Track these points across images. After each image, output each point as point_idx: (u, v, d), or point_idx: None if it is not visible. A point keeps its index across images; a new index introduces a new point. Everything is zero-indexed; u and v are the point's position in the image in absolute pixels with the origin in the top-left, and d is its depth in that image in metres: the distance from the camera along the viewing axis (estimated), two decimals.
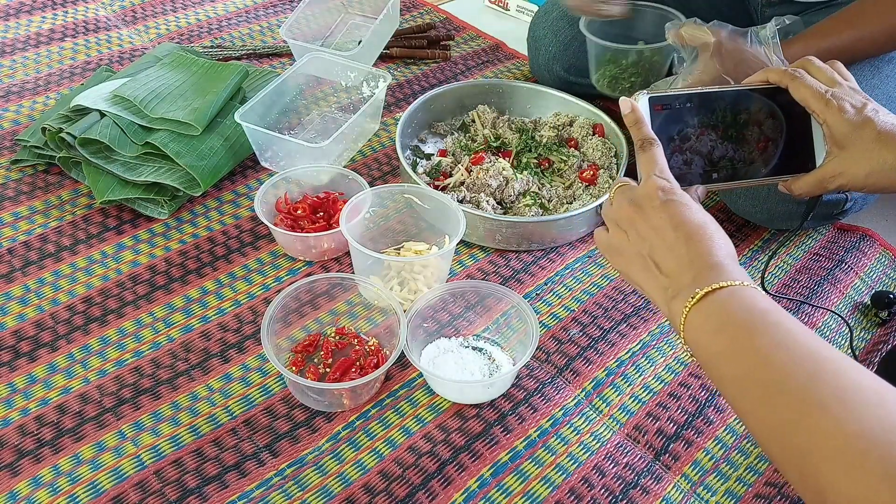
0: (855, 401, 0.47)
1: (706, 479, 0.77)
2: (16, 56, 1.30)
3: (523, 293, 0.94)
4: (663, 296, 0.61)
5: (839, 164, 0.73)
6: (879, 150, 0.70)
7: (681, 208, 0.62)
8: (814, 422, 0.47)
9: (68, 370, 0.83)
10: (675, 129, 0.73)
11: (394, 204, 1.00)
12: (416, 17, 1.50)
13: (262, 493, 0.73)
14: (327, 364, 0.84)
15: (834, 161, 0.74)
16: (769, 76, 0.76)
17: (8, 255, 0.95)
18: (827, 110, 0.72)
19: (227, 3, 1.50)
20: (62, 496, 0.72)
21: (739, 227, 1.06)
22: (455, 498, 0.74)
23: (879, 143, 0.70)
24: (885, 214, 1.11)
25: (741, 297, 0.56)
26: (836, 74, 0.74)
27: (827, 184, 0.75)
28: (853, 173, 0.73)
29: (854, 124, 0.71)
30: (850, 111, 0.71)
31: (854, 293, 0.97)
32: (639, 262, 0.64)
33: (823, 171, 0.75)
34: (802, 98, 0.73)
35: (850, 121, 0.71)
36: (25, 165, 1.08)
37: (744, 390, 0.53)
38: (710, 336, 0.56)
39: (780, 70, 0.75)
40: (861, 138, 0.71)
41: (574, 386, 0.84)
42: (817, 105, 0.72)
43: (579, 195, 1.03)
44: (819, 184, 0.76)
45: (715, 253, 0.60)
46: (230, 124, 1.06)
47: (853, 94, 0.73)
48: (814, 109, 0.73)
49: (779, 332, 0.53)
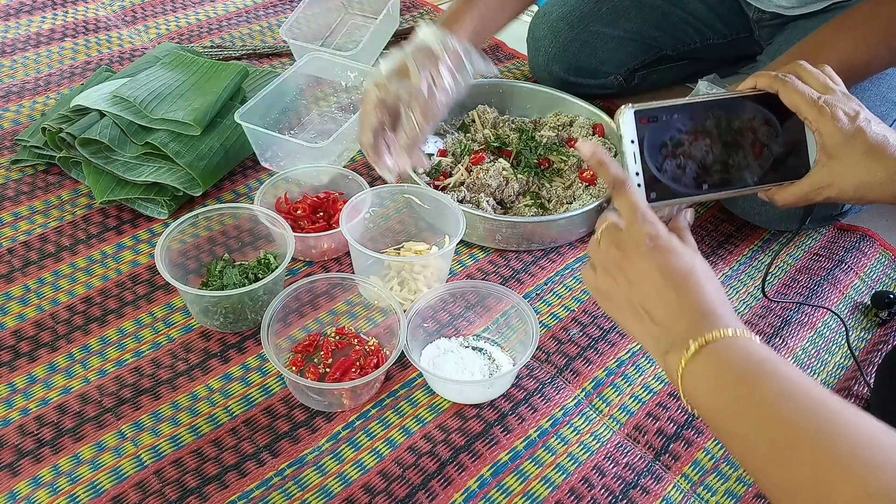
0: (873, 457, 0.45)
1: (706, 479, 0.77)
2: (16, 56, 1.30)
3: (523, 293, 0.94)
4: (656, 346, 0.59)
5: (828, 175, 0.71)
6: (870, 162, 0.68)
7: (669, 256, 0.60)
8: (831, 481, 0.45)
9: (68, 370, 0.83)
10: (663, 141, 0.71)
11: (393, 204, 1.00)
12: (416, 17, 1.50)
13: (262, 493, 0.73)
14: (327, 364, 0.84)
15: (823, 171, 0.71)
16: (758, 81, 0.73)
17: (8, 255, 0.95)
18: (820, 118, 0.69)
19: (227, 3, 1.50)
20: (62, 496, 0.72)
21: (739, 228, 1.06)
22: (455, 498, 0.74)
23: (870, 155, 0.68)
24: (885, 214, 1.11)
25: (737, 348, 0.54)
26: (828, 80, 0.72)
27: (814, 195, 0.73)
28: (842, 186, 0.71)
29: (847, 134, 0.68)
30: (844, 120, 0.69)
31: (854, 293, 0.97)
32: (629, 309, 0.61)
33: (811, 182, 0.72)
34: (794, 104, 0.71)
35: (843, 130, 0.68)
36: (25, 165, 1.08)
37: (751, 447, 0.50)
38: (710, 392, 0.54)
39: (770, 75, 0.72)
40: (853, 149, 0.69)
41: (574, 386, 0.84)
42: (810, 112, 0.70)
43: (579, 195, 1.03)
44: (805, 195, 0.73)
45: (706, 300, 0.57)
46: (230, 124, 1.06)
47: (846, 100, 0.70)
48: (806, 117, 0.70)
49: (782, 383, 0.51)
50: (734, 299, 0.96)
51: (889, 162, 0.68)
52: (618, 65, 1.22)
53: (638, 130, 0.70)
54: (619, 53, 1.20)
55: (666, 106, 0.71)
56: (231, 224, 0.96)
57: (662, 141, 0.71)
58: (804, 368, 0.88)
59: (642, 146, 0.69)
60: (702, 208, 1.09)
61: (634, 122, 0.70)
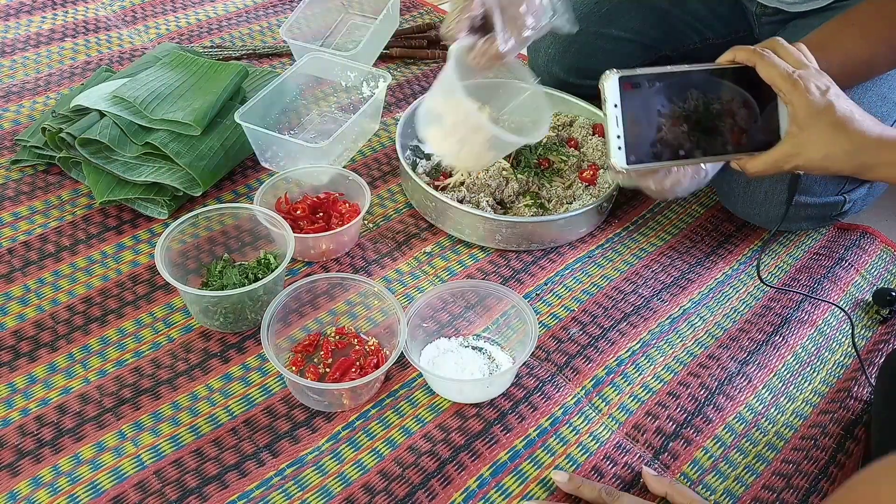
0: None
1: (705, 478, 0.77)
2: (16, 56, 1.30)
3: (523, 293, 0.94)
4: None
5: (798, 146, 0.75)
6: (837, 135, 0.73)
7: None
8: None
9: (68, 370, 0.83)
10: (646, 106, 0.74)
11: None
12: (416, 17, 1.50)
13: (262, 493, 0.73)
14: (327, 364, 0.84)
15: (792, 141, 0.75)
16: (737, 55, 0.77)
17: (8, 255, 0.95)
18: (794, 91, 0.73)
19: (227, 3, 1.50)
20: (62, 496, 0.72)
21: (739, 228, 1.06)
22: (455, 497, 0.74)
23: (837, 128, 0.73)
24: (885, 214, 1.11)
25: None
26: (802, 56, 0.76)
27: (783, 164, 0.77)
28: (810, 156, 0.75)
29: (817, 107, 0.73)
30: (815, 93, 0.73)
31: (855, 290, 0.97)
32: None
33: (781, 151, 0.76)
34: (769, 77, 0.75)
35: (814, 103, 0.73)
36: (25, 165, 1.08)
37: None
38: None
39: (749, 49, 0.76)
40: (822, 122, 0.73)
41: (574, 384, 0.84)
42: (784, 85, 0.74)
43: (579, 195, 1.03)
44: (775, 163, 0.77)
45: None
46: (230, 124, 1.06)
47: (818, 76, 0.74)
48: (780, 89, 0.74)
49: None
50: (734, 299, 0.96)
51: (854, 135, 0.73)
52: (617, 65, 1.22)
53: (621, 95, 0.73)
54: (619, 54, 1.20)
55: (649, 73, 0.75)
56: (231, 224, 0.96)
57: (644, 107, 0.74)
58: (804, 366, 0.88)
59: (624, 111, 0.73)
60: (701, 208, 1.09)
61: (618, 88, 0.73)
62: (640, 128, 0.74)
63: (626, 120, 0.73)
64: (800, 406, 0.84)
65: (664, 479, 0.75)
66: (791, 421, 0.83)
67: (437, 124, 0.90)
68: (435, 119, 0.90)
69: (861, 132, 0.73)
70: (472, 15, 0.86)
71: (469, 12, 0.86)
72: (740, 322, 0.93)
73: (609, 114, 0.73)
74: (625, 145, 0.73)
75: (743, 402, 0.84)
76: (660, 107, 0.75)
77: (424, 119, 0.91)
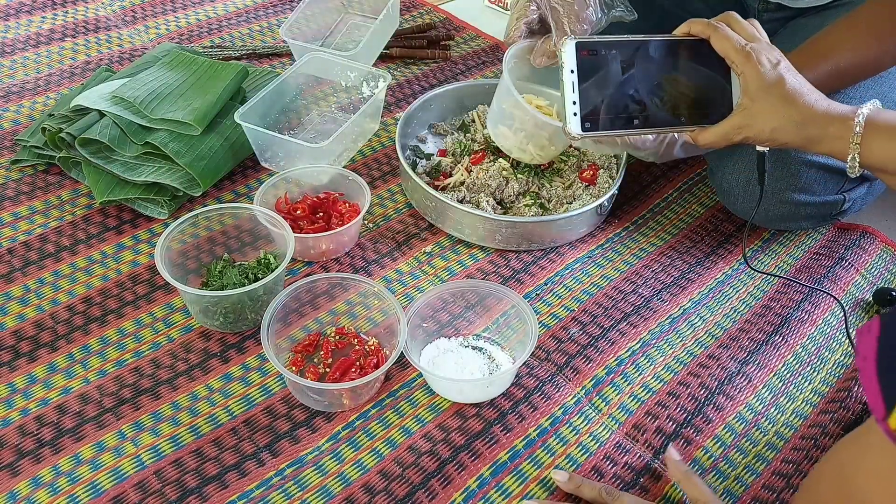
0: None
1: (705, 478, 0.77)
2: (16, 56, 1.30)
3: (523, 293, 0.94)
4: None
5: (747, 117, 0.77)
6: (786, 107, 0.75)
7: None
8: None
9: (68, 370, 0.83)
10: (600, 73, 0.74)
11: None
12: (416, 17, 1.50)
13: (262, 493, 0.73)
14: (327, 364, 0.84)
15: (743, 113, 0.77)
16: (692, 27, 0.78)
17: (8, 255, 0.95)
18: (746, 63, 0.75)
19: (227, 3, 1.50)
20: (62, 496, 0.72)
21: (739, 228, 1.06)
22: (455, 497, 0.74)
23: (787, 100, 0.75)
24: (885, 214, 1.11)
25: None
26: (755, 30, 0.78)
27: (733, 135, 0.78)
28: (759, 127, 0.77)
29: (768, 79, 0.75)
30: (767, 66, 0.75)
31: (855, 290, 0.97)
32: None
33: (731, 123, 0.78)
34: (723, 49, 0.76)
35: (764, 76, 0.74)
36: (25, 165, 1.08)
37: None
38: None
39: (704, 21, 0.78)
40: (771, 94, 0.75)
41: (574, 384, 0.84)
42: (737, 57, 0.76)
43: (579, 195, 1.03)
44: (725, 135, 0.79)
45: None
46: (230, 124, 1.06)
47: (770, 49, 0.76)
48: (733, 61, 0.76)
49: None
50: (734, 298, 0.96)
51: (802, 109, 0.75)
52: None
53: (578, 61, 0.73)
54: None
55: (606, 41, 0.76)
56: (231, 224, 0.96)
57: (600, 74, 0.75)
58: (804, 366, 0.88)
59: (581, 77, 0.73)
60: (701, 208, 1.09)
61: (575, 53, 0.74)
62: (595, 95, 0.74)
63: (581, 86, 0.74)
64: (800, 406, 0.84)
65: (682, 465, 0.75)
66: (791, 421, 0.83)
67: (505, 123, 0.96)
68: (504, 118, 0.96)
69: (810, 105, 0.75)
70: (529, 20, 0.91)
71: (526, 17, 0.90)
72: (740, 322, 0.93)
73: (566, 79, 0.74)
74: (579, 112, 0.74)
75: (743, 402, 0.84)
76: (615, 75, 0.75)
77: (493, 119, 0.98)
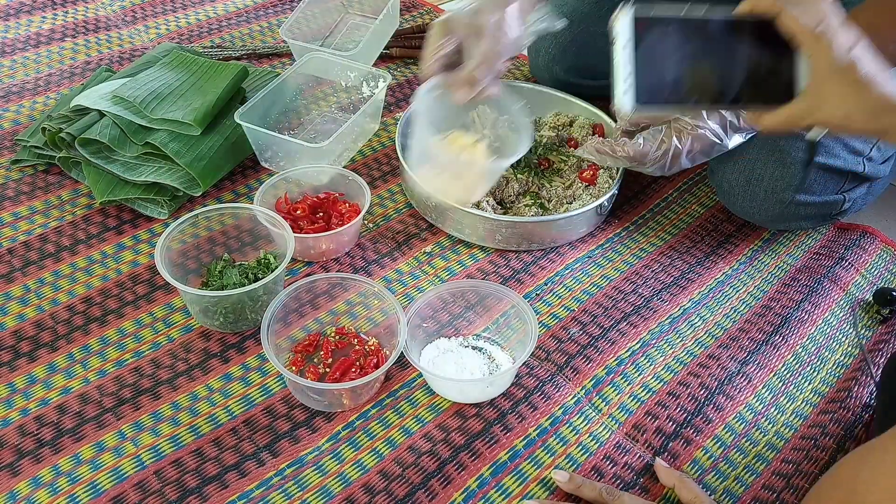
0: None
1: (705, 478, 0.77)
2: (16, 56, 1.30)
3: (523, 293, 0.94)
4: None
5: (815, 102, 0.72)
6: (858, 93, 0.69)
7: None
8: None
9: (68, 370, 0.83)
10: (658, 49, 0.71)
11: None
12: (416, 17, 1.50)
13: (262, 493, 0.73)
14: (327, 364, 0.84)
15: (810, 98, 0.72)
16: (757, 4, 0.72)
17: (8, 255, 0.95)
18: (815, 46, 0.69)
19: (227, 3, 1.50)
20: (62, 496, 0.72)
21: (739, 228, 1.06)
22: (455, 497, 0.74)
23: (859, 88, 0.69)
24: (885, 214, 1.11)
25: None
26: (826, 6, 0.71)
27: (799, 120, 0.73)
28: (829, 112, 0.71)
29: (839, 64, 0.69)
30: (838, 50, 0.69)
31: (855, 290, 0.97)
32: None
33: (799, 107, 0.73)
34: (790, 29, 0.71)
35: (836, 60, 0.69)
36: (25, 165, 1.08)
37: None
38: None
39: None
40: (843, 80, 0.69)
41: (574, 384, 0.84)
42: (806, 38, 0.70)
43: (579, 195, 1.03)
44: (790, 118, 0.74)
45: None
46: (230, 124, 1.06)
47: (844, 31, 0.70)
48: (802, 42, 0.71)
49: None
50: (734, 298, 0.96)
51: (875, 99, 0.69)
52: None
53: (634, 35, 0.70)
54: None
55: (665, 16, 0.71)
56: (231, 224, 0.96)
57: (657, 48, 0.71)
58: (804, 366, 0.88)
59: (636, 51, 0.70)
60: (701, 208, 1.09)
61: (631, 26, 0.70)
62: (649, 70, 0.70)
63: (636, 60, 0.70)
64: (800, 406, 0.84)
65: (674, 471, 0.75)
66: (791, 421, 0.83)
67: (428, 163, 0.94)
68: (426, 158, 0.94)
69: (884, 95, 0.69)
70: (445, 53, 0.89)
71: (441, 50, 0.89)
72: (740, 322, 0.93)
73: (618, 52, 0.70)
74: (634, 86, 0.70)
75: (743, 402, 0.84)
76: (673, 50, 0.71)
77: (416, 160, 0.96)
